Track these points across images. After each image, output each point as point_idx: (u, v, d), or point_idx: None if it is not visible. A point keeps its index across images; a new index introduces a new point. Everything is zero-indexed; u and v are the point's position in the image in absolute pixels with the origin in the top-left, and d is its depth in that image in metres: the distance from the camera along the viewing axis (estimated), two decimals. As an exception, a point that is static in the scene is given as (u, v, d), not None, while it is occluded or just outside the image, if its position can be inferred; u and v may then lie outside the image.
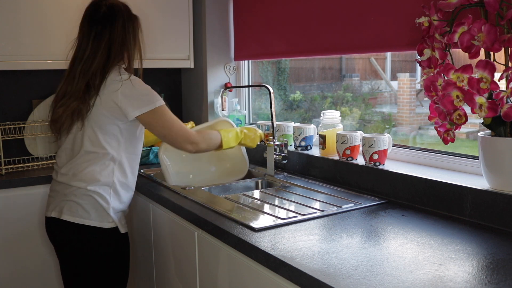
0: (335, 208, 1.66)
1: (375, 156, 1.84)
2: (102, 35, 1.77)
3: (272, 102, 2.17)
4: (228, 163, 2.33)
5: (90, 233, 1.77)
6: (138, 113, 1.76)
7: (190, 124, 2.50)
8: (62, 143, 1.84)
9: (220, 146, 2.01)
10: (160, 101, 1.82)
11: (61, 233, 1.80)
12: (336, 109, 2.26)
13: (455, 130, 1.48)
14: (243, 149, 2.29)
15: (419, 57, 1.58)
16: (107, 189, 1.78)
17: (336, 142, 1.98)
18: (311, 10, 2.23)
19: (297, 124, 2.28)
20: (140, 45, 1.88)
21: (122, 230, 1.84)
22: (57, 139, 1.86)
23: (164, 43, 2.71)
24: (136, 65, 1.88)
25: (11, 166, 2.44)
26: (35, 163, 2.49)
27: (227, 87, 2.83)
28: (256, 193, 1.96)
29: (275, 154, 2.16)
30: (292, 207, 1.72)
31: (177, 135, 1.86)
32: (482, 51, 1.41)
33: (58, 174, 1.82)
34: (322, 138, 2.08)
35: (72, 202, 1.76)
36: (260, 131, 2.17)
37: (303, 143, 2.20)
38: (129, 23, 1.83)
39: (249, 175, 2.32)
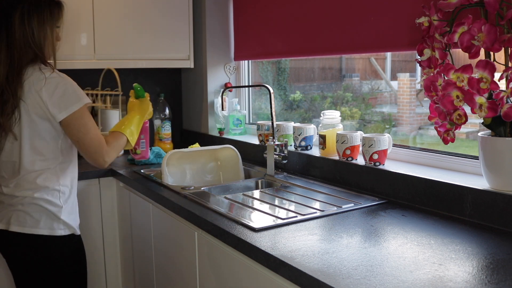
0: (335, 208, 1.66)
1: (375, 156, 1.84)
2: (0, 35, 1.57)
3: (272, 102, 2.17)
4: (223, 176, 2.36)
5: (41, 243, 1.66)
6: (65, 115, 1.60)
7: (196, 145, 2.51)
8: None
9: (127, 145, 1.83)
10: (86, 99, 1.64)
11: (11, 245, 1.69)
12: (336, 109, 2.26)
13: (455, 130, 1.48)
14: (240, 164, 2.31)
15: (419, 57, 1.58)
16: (56, 194, 1.68)
17: (336, 142, 1.98)
18: (311, 10, 2.23)
19: (297, 124, 2.28)
20: (52, 40, 1.65)
21: (79, 231, 1.76)
22: None
23: (164, 43, 2.71)
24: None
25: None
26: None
27: (227, 87, 2.83)
28: (256, 193, 1.96)
29: (275, 154, 2.16)
30: (292, 207, 1.72)
31: (91, 143, 1.66)
32: (482, 51, 1.41)
33: (1, 186, 1.70)
34: (322, 138, 2.08)
35: (20, 211, 1.65)
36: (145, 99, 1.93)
37: (303, 143, 2.20)
38: (32, 15, 1.57)
39: (249, 175, 2.32)
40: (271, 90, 2.16)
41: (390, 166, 1.84)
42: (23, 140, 1.63)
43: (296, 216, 1.57)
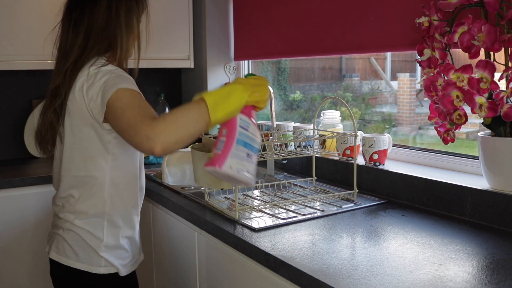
0: (335, 208, 1.66)
1: (375, 156, 1.84)
2: (81, 20, 1.39)
3: (272, 102, 2.17)
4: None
5: (76, 278, 1.42)
6: (104, 109, 1.28)
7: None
8: (53, 163, 1.50)
9: (206, 124, 1.22)
10: (124, 83, 1.27)
11: (51, 274, 1.49)
12: (336, 109, 2.26)
13: (455, 130, 1.48)
14: None
15: (419, 57, 1.58)
16: (98, 222, 1.40)
17: (336, 142, 1.98)
18: (311, 10, 2.23)
19: (297, 124, 2.28)
20: (138, 33, 1.46)
21: (124, 271, 1.47)
22: (48, 158, 1.51)
23: (164, 43, 2.71)
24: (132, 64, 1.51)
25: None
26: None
27: (227, 87, 2.83)
28: (256, 193, 1.96)
29: (275, 154, 2.16)
30: (292, 207, 1.72)
31: (129, 126, 1.18)
32: (482, 51, 1.41)
33: (53, 202, 1.50)
34: (322, 138, 2.08)
35: (59, 237, 1.42)
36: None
37: (303, 143, 2.20)
38: (120, 3, 1.40)
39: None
40: (271, 90, 2.16)
41: (390, 166, 1.84)
42: (65, 146, 1.40)
43: (296, 216, 1.57)
